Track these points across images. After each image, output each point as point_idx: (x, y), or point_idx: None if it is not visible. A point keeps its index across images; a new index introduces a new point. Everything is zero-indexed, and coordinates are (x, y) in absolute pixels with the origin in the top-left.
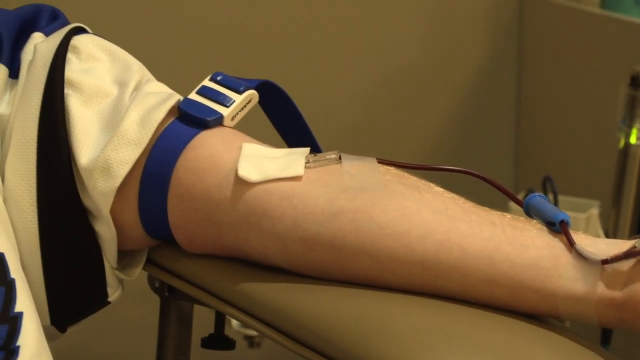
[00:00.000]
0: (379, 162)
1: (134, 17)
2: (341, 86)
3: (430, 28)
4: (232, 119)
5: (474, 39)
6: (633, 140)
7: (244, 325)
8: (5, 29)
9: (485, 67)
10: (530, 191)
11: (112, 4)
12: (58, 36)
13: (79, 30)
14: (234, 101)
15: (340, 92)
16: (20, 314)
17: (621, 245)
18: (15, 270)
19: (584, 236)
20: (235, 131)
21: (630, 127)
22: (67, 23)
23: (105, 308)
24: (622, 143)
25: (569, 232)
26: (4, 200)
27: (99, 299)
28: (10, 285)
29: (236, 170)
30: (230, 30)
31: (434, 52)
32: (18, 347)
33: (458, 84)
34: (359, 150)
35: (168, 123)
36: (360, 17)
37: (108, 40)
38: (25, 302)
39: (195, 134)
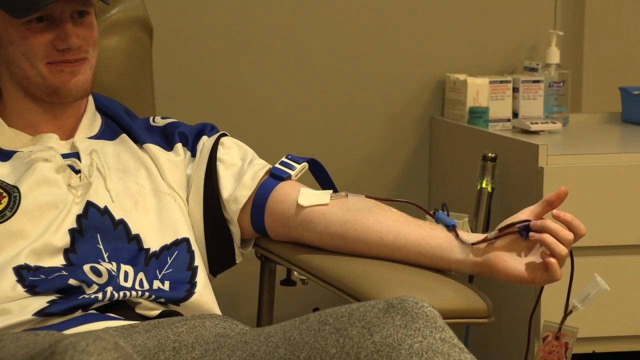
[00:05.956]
0: (366, 197)
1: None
2: (347, 158)
3: (382, 130)
4: (296, 176)
5: (410, 136)
6: (483, 185)
7: (300, 274)
8: (191, 138)
9: (413, 154)
10: (436, 210)
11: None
12: (213, 138)
13: (223, 134)
14: (296, 168)
15: (345, 162)
16: (197, 266)
17: (480, 236)
18: (194, 246)
19: (463, 232)
20: (297, 182)
21: (482, 180)
22: (219, 131)
23: (234, 266)
24: (478, 187)
25: (456, 231)
26: (189, 214)
27: (231, 261)
28: (192, 253)
29: (297, 200)
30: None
31: (386, 145)
32: (196, 282)
33: (401, 161)
34: (355, 189)
35: (265, 178)
36: (345, 122)
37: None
38: (199, 261)
39: (277, 184)
